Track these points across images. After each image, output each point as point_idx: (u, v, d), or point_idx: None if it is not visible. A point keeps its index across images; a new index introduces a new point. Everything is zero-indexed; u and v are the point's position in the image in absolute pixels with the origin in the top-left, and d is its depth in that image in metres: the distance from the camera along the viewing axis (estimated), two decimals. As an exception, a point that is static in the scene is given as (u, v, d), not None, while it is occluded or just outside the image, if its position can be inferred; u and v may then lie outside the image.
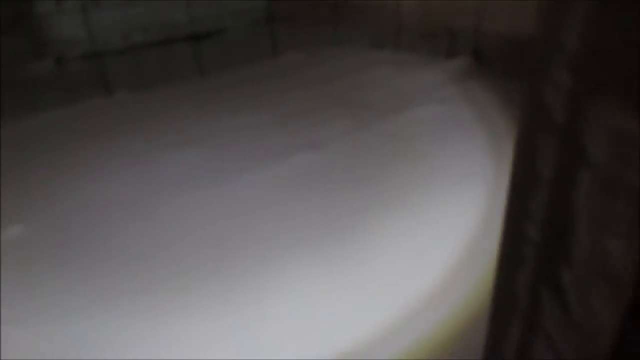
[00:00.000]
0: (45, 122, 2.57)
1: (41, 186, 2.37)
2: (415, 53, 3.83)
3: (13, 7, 2.65)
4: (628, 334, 0.61)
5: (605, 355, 0.63)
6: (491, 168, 2.57)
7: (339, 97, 3.28)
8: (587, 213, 0.59)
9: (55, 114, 2.65)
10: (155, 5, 2.88)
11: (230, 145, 2.84)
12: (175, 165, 2.68)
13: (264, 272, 2.24)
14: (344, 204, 2.57)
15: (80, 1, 2.61)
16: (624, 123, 0.54)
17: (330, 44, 3.87)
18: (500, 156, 2.63)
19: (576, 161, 0.59)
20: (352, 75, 3.56)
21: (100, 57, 2.80)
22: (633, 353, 0.63)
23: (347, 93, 3.36)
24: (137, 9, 2.83)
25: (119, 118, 2.74)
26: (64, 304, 2.03)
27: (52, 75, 2.69)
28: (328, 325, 2.05)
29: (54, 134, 2.56)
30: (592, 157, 0.57)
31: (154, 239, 2.29)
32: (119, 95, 2.82)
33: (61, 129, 2.61)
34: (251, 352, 1.97)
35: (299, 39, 3.75)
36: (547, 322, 0.68)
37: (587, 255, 0.61)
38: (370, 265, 2.30)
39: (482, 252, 2.09)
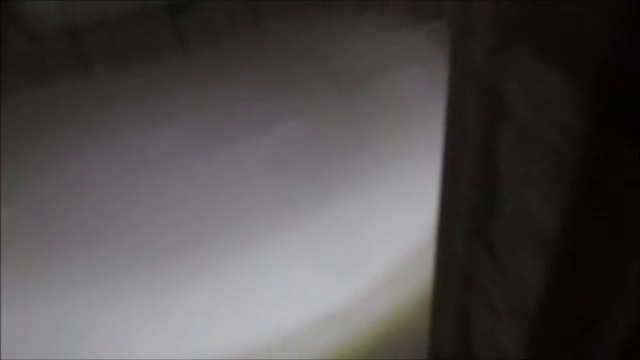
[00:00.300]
0: (21, 101, 2.55)
1: (19, 167, 2.36)
2: (400, 15, 3.76)
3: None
4: (556, 287, 0.62)
5: (535, 308, 0.64)
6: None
7: (323, 63, 3.24)
8: (510, 167, 0.59)
9: (31, 93, 2.63)
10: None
11: (213, 119, 2.82)
12: (157, 142, 2.67)
13: (250, 243, 2.27)
14: (328, 173, 2.57)
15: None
16: (541, 74, 0.53)
17: (313, 8, 3.80)
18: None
19: (498, 114, 0.58)
20: (336, 41, 3.50)
21: (75, 33, 2.75)
22: (562, 306, 0.63)
23: (331, 59, 3.31)
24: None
25: (97, 96, 2.71)
26: (51, 284, 2.06)
27: (26, 53, 2.65)
28: (311, 293, 2.09)
29: (30, 114, 2.54)
30: (512, 110, 0.56)
31: (137, 216, 2.30)
32: (97, 72, 2.79)
33: (38, 108, 2.59)
34: (237, 323, 2.02)
35: (282, 5, 3.67)
36: (482, 278, 0.69)
37: (512, 210, 0.61)
38: (357, 233, 2.32)
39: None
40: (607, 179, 0.52)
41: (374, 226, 2.32)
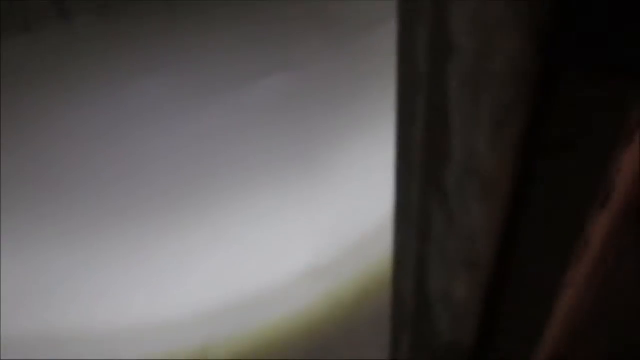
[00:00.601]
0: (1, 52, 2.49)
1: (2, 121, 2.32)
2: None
3: None
4: (508, 239, 0.58)
5: (487, 259, 0.61)
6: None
7: (312, 14, 3.13)
8: (459, 109, 0.54)
9: (11, 43, 2.57)
10: None
11: (200, 70, 2.76)
12: (141, 93, 2.62)
13: (236, 195, 2.26)
14: (316, 127, 2.53)
15: None
16: (482, 2, 0.47)
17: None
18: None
19: (446, 50, 0.53)
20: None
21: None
22: (515, 259, 0.60)
23: (322, 9, 3.20)
24: None
25: (80, 46, 2.64)
26: (38, 235, 2.06)
27: (3, 2, 2.57)
28: (297, 245, 2.09)
29: (10, 65, 2.48)
30: (458, 45, 0.51)
31: (122, 168, 2.28)
32: (79, 21, 2.70)
33: (18, 59, 2.53)
34: (223, 273, 2.03)
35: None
36: (436, 228, 0.65)
37: (463, 156, 0.57)
38: (346, 187, 2.30)
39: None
40: (558, 121, 0.47)
41: (363, 179, 2.30)
